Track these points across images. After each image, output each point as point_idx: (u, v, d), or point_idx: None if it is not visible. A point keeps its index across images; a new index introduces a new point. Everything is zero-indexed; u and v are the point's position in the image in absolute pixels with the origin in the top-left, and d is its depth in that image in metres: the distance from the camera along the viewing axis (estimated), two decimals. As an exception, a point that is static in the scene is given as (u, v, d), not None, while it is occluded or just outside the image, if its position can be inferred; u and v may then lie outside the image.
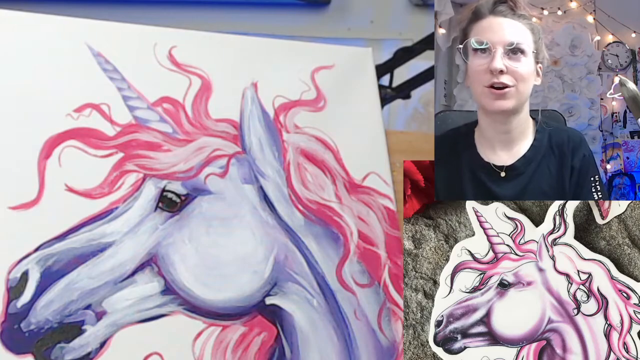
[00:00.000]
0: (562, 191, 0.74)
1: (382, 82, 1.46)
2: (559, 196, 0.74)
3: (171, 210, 0.80)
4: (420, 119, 2.01)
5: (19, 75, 0.80)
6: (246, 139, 0.88)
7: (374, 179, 0.93)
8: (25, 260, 0.72)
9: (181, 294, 0.77)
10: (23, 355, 0.70)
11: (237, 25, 1.92)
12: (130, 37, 0.87)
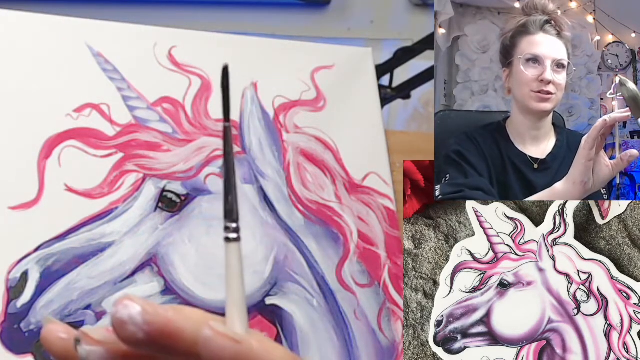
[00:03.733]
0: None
1: (382, 82, 1.46)
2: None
3: (171, 210, 0.80)
4: (420, 119, 2.01)
5: (19, 75, 0.80)
6: (246, 139, 0.88)
7: (374, 179, 0.93)
8: (25, 260, 0.72)
9: (181, 294, 0.77)
10: (23, 355, 0.70)
11: (237, 25, 1.92)
12: (130, 37, 0.87)
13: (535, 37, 0.84)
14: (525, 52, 0.83)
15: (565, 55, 0.84)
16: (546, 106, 0.83)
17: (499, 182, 0.83)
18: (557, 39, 0.84)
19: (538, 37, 0.84)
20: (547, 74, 0.82)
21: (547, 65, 0.82)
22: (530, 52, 0.83)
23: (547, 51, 0.83)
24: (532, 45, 0.84)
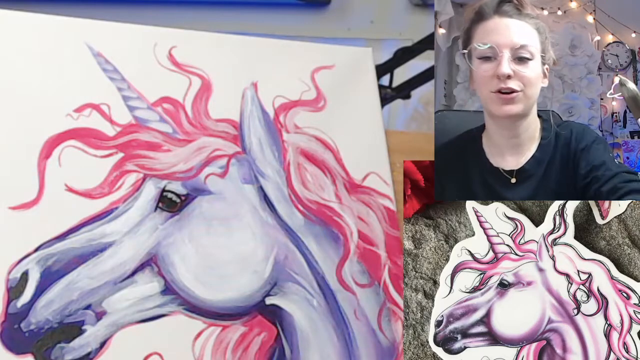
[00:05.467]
0: (574, 188, 0.71)
1: (382, 82, 1.47)
2: (571, 194, 0.72)
3: (171, 210, 0.80)
4: (420, 119, 2.01)
5: (19, 75, 0.80)
6: (246, 139, 0.88)
7: (374, 179, 0.93)
8: (25, 260, 0.72)
9: (181, 294, 0.77)
10: (23, 355, 0.70)
11: (237, 25, 1.92)
12: (130, 37, 0.87)
13: (489, 22, 0.68)
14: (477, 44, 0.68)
15: (532, 40, 0.67)
16: (511, 109, 0.68)
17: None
18: (519, 20, 0.68)
19: (490, 23, 0.68)
20: (503, 67, 0.66)
21: (503, 55, 0.66)
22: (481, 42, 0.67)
23: (501, 39, 0.66)
24: (485, 33, 0.68)
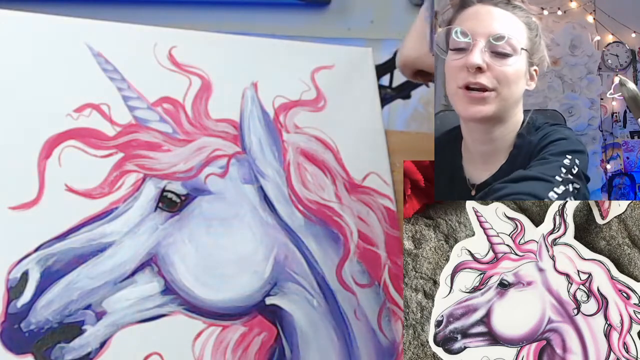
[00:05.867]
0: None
1: (382, 82, 1.46)
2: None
3: (171, 210, 0.80)
4: (420, 119, 2.01)
5: (19, 75, 0.80)
6: (246, 139, 0.88)
7: (374, 179, 0.93)
8: (25, 260, 0.72)
9: (181, 294, 0.77)
10: (23, 355, 0.70)
11: (237, 25, 1.92)
12: (130, 37, 0.87)
13: (469, 9, 0.58)
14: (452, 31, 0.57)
15: (514, 32, 0.56)
16: (480, 110, 0.56)
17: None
18: (506, 10, 0.58)
19: (472, 9, 0.58)
20: (474, 56, 0.55)
21: (476, 44, 0.55)
22: (457, 30, 0.56)
23: (479, 26, 0.56)
24: (463, 20, 0.58)
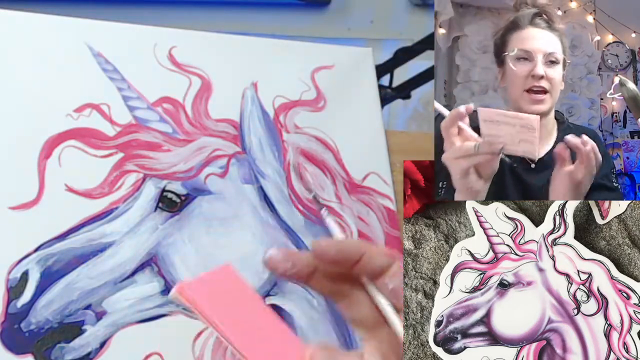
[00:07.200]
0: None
1: (382, 82, 1.46)
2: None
3: (171, 210, 0.80)
4: (420, 119, 2.01)
5: (19, 75, 0.80)
6: (246, 139, 0.88)
7: (374, 179, 0.93)
8: (25, 260, 0.72)
9: (181, 294, 0.77)
10: (23, 355, 0.70)
11: (237, 25, 1.92)
12: (130, 37, 0.87)
13: (524, 31, 0.80)
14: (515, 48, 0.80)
15: (558, 49, 0.79)
16: (539, 108, 0.79)
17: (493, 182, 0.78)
18: (549, 31, 0.80)
19: (528, 32, 0.80)
20: (538, 68, 0.78)
21: (537, 59, 0.78)
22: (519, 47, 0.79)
23: (537, 45, 0.79)
24: (522, 40, 0.80)
